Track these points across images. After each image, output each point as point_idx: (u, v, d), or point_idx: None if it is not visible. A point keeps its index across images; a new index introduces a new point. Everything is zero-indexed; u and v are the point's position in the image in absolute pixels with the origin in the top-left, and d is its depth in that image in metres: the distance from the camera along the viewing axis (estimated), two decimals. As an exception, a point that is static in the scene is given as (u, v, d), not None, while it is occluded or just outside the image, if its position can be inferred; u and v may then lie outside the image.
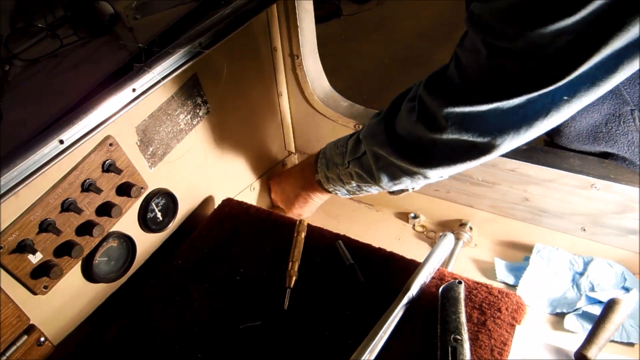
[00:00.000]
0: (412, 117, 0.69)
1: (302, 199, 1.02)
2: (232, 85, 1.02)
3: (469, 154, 0.66)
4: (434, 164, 0.70)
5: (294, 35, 1.07)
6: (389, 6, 2.66)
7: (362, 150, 0.79)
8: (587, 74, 0.54)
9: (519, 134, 0.61)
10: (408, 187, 0.80)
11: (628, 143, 0.88)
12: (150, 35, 0.90)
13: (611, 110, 0.87)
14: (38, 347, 0.77)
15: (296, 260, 0.87)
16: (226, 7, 0.91)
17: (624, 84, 0.85)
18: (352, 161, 0.82)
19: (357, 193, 0.89)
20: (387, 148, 0.74)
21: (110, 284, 0.87)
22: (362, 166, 0.80)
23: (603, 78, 0.54)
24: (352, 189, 0.88)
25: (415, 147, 0.71)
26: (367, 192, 0.87)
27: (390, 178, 0.77)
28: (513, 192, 0.98)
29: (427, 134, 0.67)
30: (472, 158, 0.66)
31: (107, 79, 0.81)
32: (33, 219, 0.71)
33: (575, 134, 0.91)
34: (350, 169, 0.83)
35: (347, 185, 0.87)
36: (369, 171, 0.79)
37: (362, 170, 0.80)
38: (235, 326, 0.79)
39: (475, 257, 1.04)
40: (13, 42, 0.98)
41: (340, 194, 0.92)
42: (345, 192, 0.90)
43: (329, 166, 0.88)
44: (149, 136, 0.87)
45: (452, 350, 0.69)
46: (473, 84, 0.61)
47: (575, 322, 0.87)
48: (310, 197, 1.00)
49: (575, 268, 0.95)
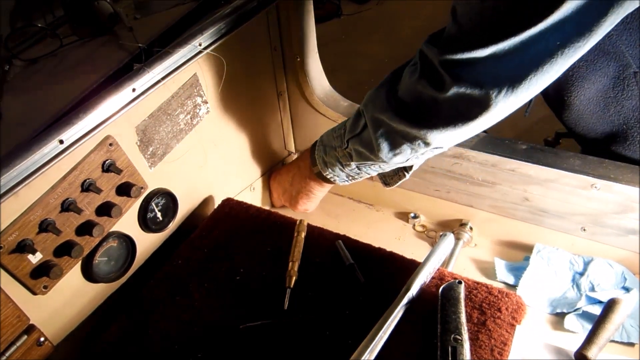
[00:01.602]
0: (414, 76, 0.69)
1: (304, 194, 1.02)
2: (232, 85, 1.02)
3: (468, 112, 0.66)
4: (434, 124, 0.69)
5: (294, 35, 1.07)
6: (389, 6, 2.66)
7: (361, 125, 0.79)
8: (576, 16, 0.55)
9: (515, 87, 0.61)
10: (409, 157, 0.78)
11: (632, 108, 0.88)
12: (150, 35, 0.90)
13: (616, 73, 0.86)
14: (38, 347, 0.77)
15: (296, 260, 0.87)
16: (226, 6, 0.91)
17: (627, 46, 0.84)
18: (352, 139, 0.81)
19: (356, 177, 0.88)
20: (387, 112, 0.73)
21: (110, 284, 0.87)
22: (362, 141, 0.79)
23: (593, 23, 0.55)
24: (351, 172, 0.87)
25: (416, 107, 0.70)
26: (366, 174, 0.87)
27: (390, 146, 0.76)
28: (513, 192, 0.98)
29: (428, 90, 0.67)
30: (471, 117, 0.66)
31: (107, 79, 0.81)
32: (33, 219, 0.71)
33: (585, 102, 0.90)
34: (349, 149, 0.82)
35: (346, 169, 0.86)
36: (369, 144, 0.78)
37: (362, 146, 0.79)
38: (235, 326, 0.79)
39: (475, 257, 1.04)
40: (13, 42, 0.98)
41: (339, 181, 0.91)
42: (345, 176, 0.89)
43: (326, 151, 0.88)
44: (149, 136, 0.87)
45: (452, 350, 0.69)
46: (468, 30, 0.62)
47: (575, 322, 0.87)
48: (312, 190, 1.00)
49: (576, 268, 0.95)
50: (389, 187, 0.91)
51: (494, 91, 0.62)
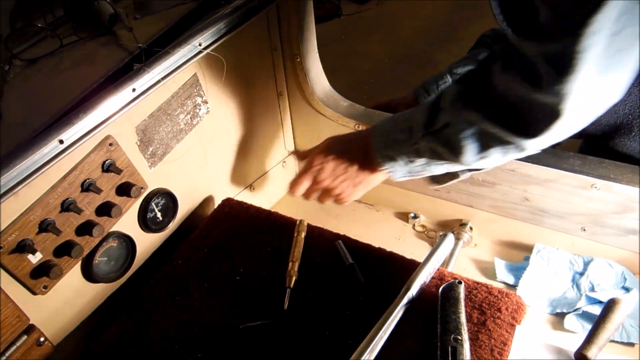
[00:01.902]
0: (509, 73, 0.64)
1: (365, 180, 0.87)
2: (232, 85, 1.02)
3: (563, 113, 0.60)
4: (534, 128, 0.63)
5: (294, 35, 1.07)
6: (389, 6, 2.65)
7: (441, 122, 0.73)
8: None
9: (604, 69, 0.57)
10: (495, 161, 0.72)
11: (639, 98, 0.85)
12: (150, 35, 0.90)
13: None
14: (38, 347, 0.77)
15: (296, 260, 0.87)
16: (226, 6, 0.91)
17: None
18: (426, 136, 0.74)
19: (419, 173, 0.81)
20: (479, 113, 0.67)
21: (110, 284, 0.87)
22: (440, 139, 0.73)
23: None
24: (414, 169, 0.80)
25: (513, 109, 0.65)
26: (429, 173, 0.81)
27: (479, 149, 0.70)
28: (513, 192, 0.98)
29: (528, 90, 0.61)
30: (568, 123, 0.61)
31: (107, 79, 0.81)
32: (33, 219, 0.71)
33: None
34: (419, 145, 0.76)
35: (409, 165, 0.80)
36: (450, 144, 0.72)
37: (440, 145, 0.73)
38: (235, 326, 0.79)
39: (475, 257, 1.04)
40: (13, 42, 0.98)
41: (396, 176, 0.83)
42: (406, 172, 0.82)
43: (388, 144, 0.80)
44: (149, 136, 0.87)
45: (452, 350, 0.69)
46: (561, 16, 0.57)
47: (575, 322, 0.87)
48: (371, 182, 0.87)
49: (575, 268, 0.95)
50: (438, 185, 0.85)
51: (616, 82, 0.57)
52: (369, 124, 1.07)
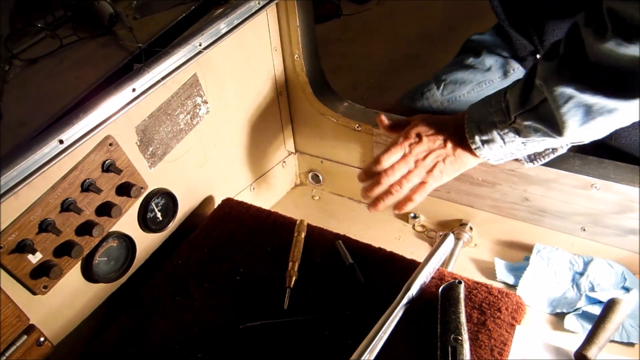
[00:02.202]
0: (604, 38, 0.62)
1: (460, 160, 0.85)
2: (232, 85, 1.02)
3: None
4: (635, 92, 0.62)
5: (294, 35, 1.07)
6: (389, 6, 2.65)
7: (537, 100, 0.72)
8: None
9: None
10: (601, 130, 0.71)
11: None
12: (150, 35, 0.90)
13: None
14: (38, 347, 0.77)
15: (296, 260, 0.87)
16: (226, 6, 0.91)
17: None
18: (523, 114, 0.74)
19: (516, 154, 0.80)
20: (578, 84, 0.66)
21: (110, 284, 0.87)
22: (539, 116, 0.72)
23: None
24: (512, 149, 0.79)
25: (614, 73, 0.63)
26: (530, 150, 0.80)
27: (582, 121, 0.69)
28: (513, 192, 0.98)
29: (626, 50, 0.60)
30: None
31: (107, 79, 0.81)
32: (33, 219, 0.71)
33: None
34: (516, 124, 0.75)
35: (508, 145, 0.78)
36: (548, 119, 0.71)
37: (538, 121, 0.72)
38: (235, 326, 0.79)
39: (475, 257, 1.04)
40: (13, 42, 0.98)
41: (493, 160, 0.82)
42: (504, 153, 0.81)
43: (481, 128, 0.79)
44: (148, 136, 0.87)
45: (452, 350, 0.69)
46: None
47: (575, 322, 0.87)
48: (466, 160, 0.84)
49: (575, 268, 0.95)
50: (534, 164, 0.84)
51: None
52: (369, 124, 1.07)
